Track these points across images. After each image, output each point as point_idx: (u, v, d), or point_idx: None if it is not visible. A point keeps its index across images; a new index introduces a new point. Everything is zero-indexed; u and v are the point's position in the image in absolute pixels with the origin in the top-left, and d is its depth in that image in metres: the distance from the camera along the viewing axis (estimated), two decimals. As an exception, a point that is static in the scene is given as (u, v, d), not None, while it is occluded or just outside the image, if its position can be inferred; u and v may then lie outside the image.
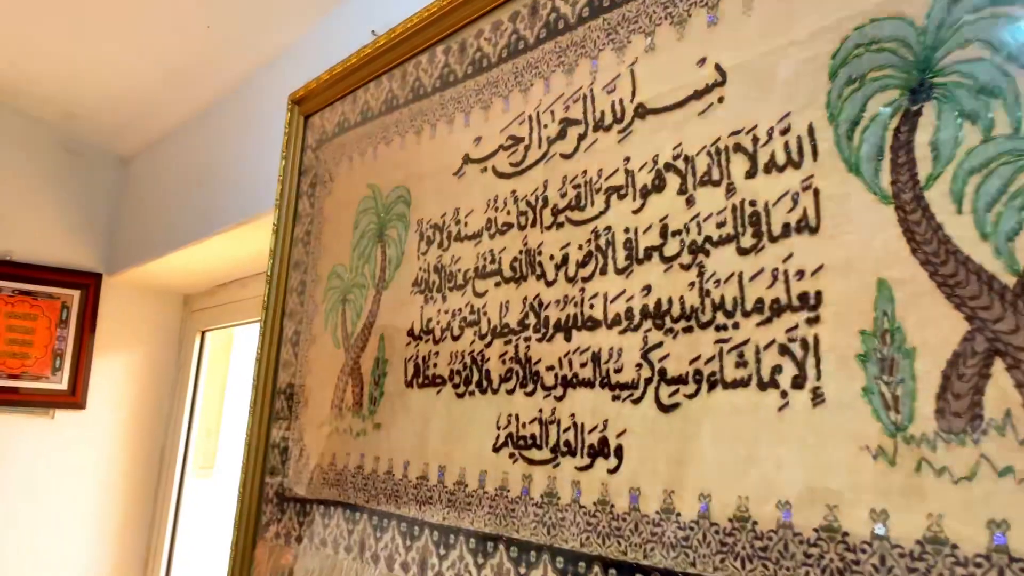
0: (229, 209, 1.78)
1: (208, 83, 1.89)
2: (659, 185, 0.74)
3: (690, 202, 0.71)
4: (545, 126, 0.88)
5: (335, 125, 1.29)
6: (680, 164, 0.73)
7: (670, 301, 0.71)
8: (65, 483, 2.23)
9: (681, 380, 0.69)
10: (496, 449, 0.85)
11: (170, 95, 1.98)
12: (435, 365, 0.96)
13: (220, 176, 1.87)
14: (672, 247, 0.72)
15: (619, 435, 0.73)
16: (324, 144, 1.31)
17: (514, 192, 0.90)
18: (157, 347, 2.42)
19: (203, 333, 2.39)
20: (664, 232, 0.73)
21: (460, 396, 0.92)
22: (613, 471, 0.72)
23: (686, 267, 0.70)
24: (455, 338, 0.95)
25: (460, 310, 0.95)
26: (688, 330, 0.69)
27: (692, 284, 0.69)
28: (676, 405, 0.69)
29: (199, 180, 1.99)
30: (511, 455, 0.83)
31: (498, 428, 0.85)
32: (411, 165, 1.09)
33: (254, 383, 1.31)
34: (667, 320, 0.71)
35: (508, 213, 0.90)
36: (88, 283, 2.29)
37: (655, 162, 0.75)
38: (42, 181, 2.26)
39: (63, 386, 2.23)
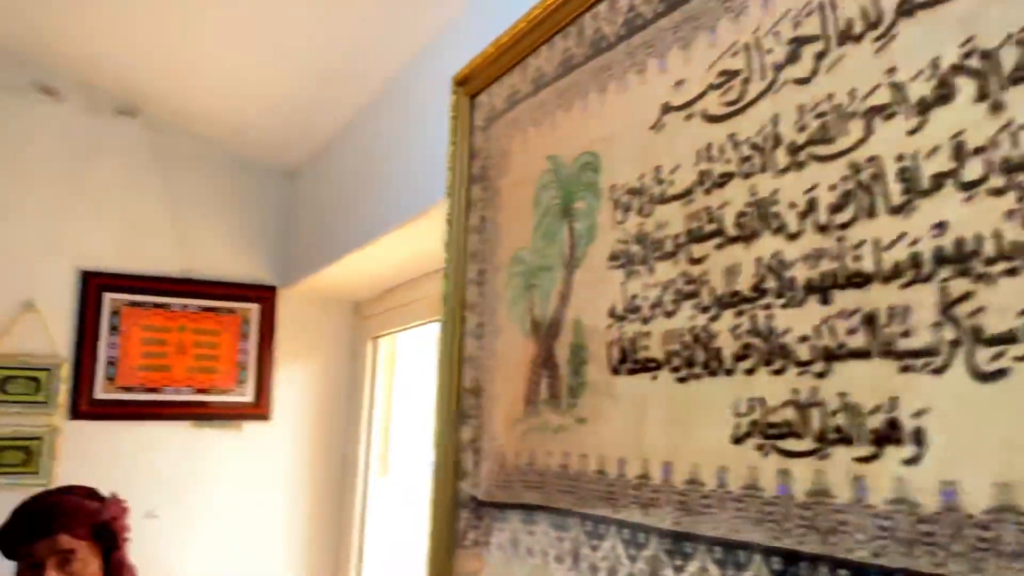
0: (395, 208, 1.74)
1: (363, 79, 1.86)
2: (945, 95, 0.58)
3: (996, 108, 0.55)
4: (769, 51, 0.73)
5: (505, 100, 1.20)
6: (974, 63, 0.56)
7: (979, 239, 0.55)
8: (256, 494, 2.29)
9: (1006, 339, 0.52)
10: (737, 440, 0.71)
11: (327, 95, 1.98)
12: (646, 348, 0.84)
13: (384, 175, 1.84)
14: (973, 169, 0.56)
15: (916, 415, 0.57)
16: (494, 122, 1.22)
17: (732, 136, 0.76)
18: (331, 355, 2.45)
19: (375, 339, 2.38)
20: (959, 152, 0.57)
21: (682, 380, 0.79)
22: (912, 461, 0.57)
23: (999, 192, 0.54)
24: (669, 314, 0.82)
25: (672, 281, 0.82)
26: (1011, 272, 0.53)
27: (1012, 213, 0.53)
28: (1002, 372, 0.52)
29: (363, 183, 1.97)
30: (759, 447, 0.69)
31: (737, 415, 0.71)
32: (597, 128, 0.98)
33: (438, 382, 1.23)
34: (976, 263, 0.55)
35: (727, 161, 0.77)
36: (265, 296, 2.35)
37: (935, 67, 0.59)
38: (216, 200, 2.33)
39: (249, 398, 2.29)
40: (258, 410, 2.30)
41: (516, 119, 1.16)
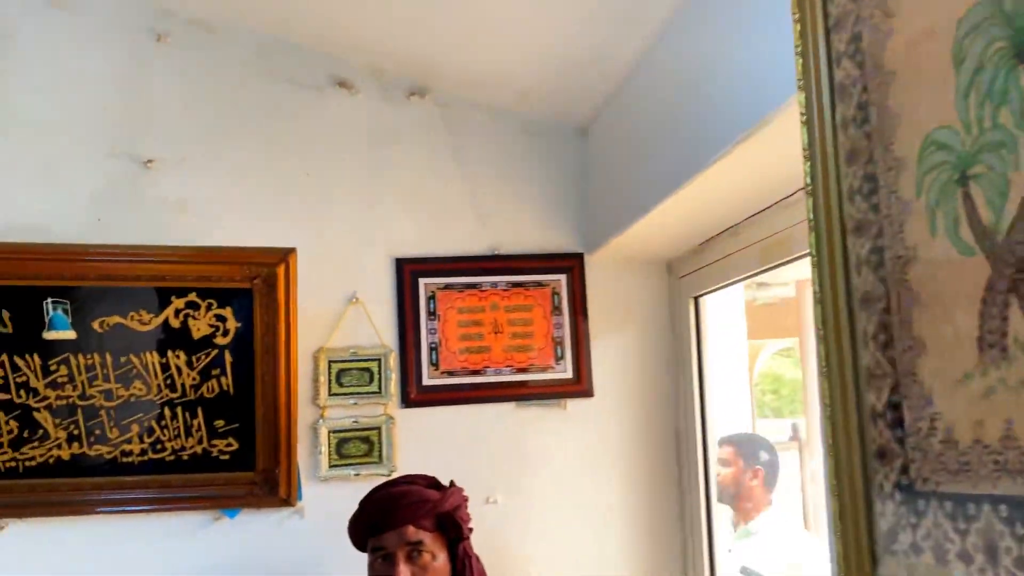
0: (713, 137, 1.46)
1: (648, 5, 1.60)
2: None
3: None
4: None
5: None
6: None
7: None
8: (587, 473, 2.14)
9: None
10: None
11: (610, 34, 1.74)
12: None
13: (694, 103, 1.56)
14: None
15: None
16: (863, -30, 0.89)
17: None
18: (648, 322, 2.23)
19: (695, 299, 2.11)
20: None
21: None
22: None
23: None
24: None
25: None
26: None
27: None
28: None
29: (668, 120, 1.71)
30: None
31: None
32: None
33: (823, 335, 0.93)
34: None
35: None
36: (571, 265, 2.19)
37: None
38: (511, 170, 2.22)
39: (569, 375, 2.14)
40: (579, 386, 2.14)
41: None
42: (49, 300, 1.84)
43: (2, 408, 1.82)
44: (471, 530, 1.65)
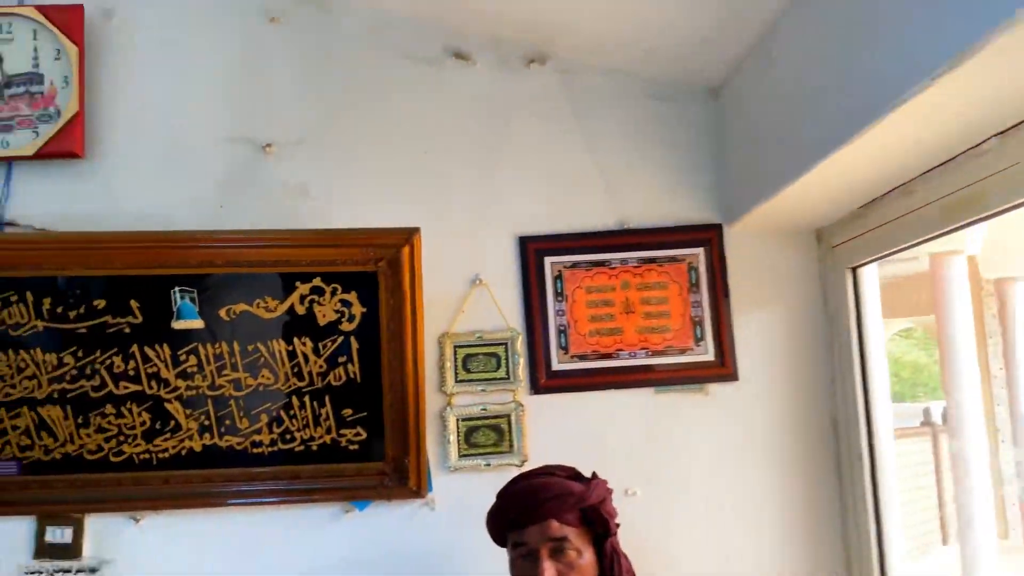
0: (892, 79, 1.26)
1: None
2: None
3: None
4: None
5: None
6: None
7: None
8: (733, 464, 1.97)
9: None
10: None
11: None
12: None
13: (862, 43, 1.37)
14: None
15: None
16: None
17: None
18: (797, 297, 2.03)
19: (854, 270, 1.90)
20: None
21: None
22: None
23: None
24: None
25: None
26: None
27: None
28: None
29: (826, 68, 1.52)
30: None
31: None
32: None
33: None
34: None
35: None
36: (709, 237, 2.01)
37: None
38: (639, 137, 2.05)
39: (710, 356, 1.97)
40: (722, 369, 1.97)
41: None
42: (176, 289, 1.81)
43: (134, 399, 1.81)
44: (618, 525, 1.52)
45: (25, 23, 1.88)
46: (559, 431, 1.95)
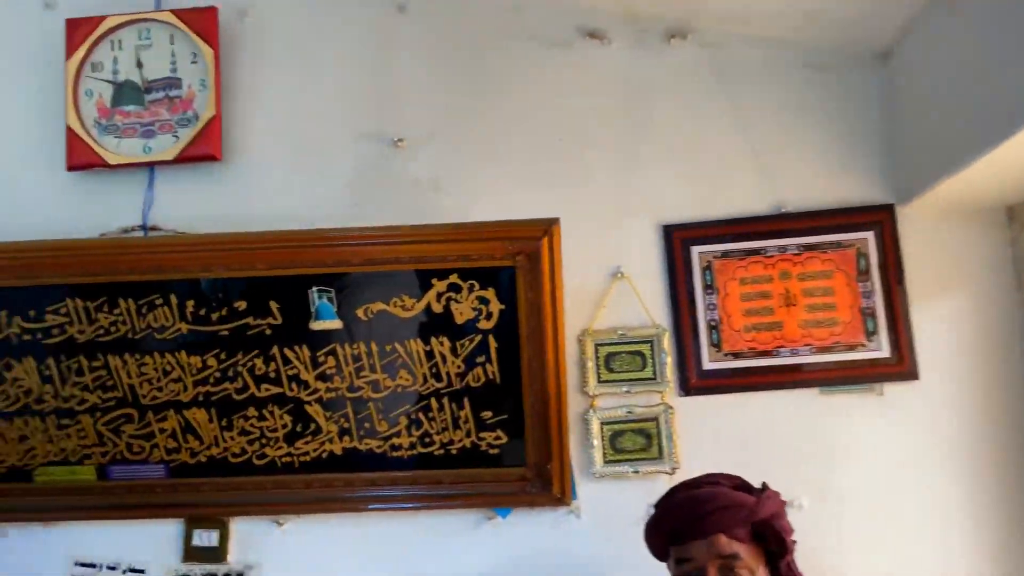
0: None
1: None
2: None
3: None
4: None
5: None
6: None
7: None
8: (912, 474, 1.76)
9: None
10: None
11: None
12: None
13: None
14: None
15: None
16: None
17: None
18: (984, 283, 1.79)
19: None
20: None
21: None
22: None
23: None
24: None
25: None
26: None
27: None
28: None
29: (1015, 18, 1.30)
30: None
31: None
32: None
33: None
34: None
35: None
36: (880, 219, 1.80)
37: None
38: (795, 111, 1.87)
39: (885, 353, 1.76)
40: (900, 367, 1.76)
41: None
42: (314, 289, 1.78)
43: (275, 402, 1.79)
44: (795, 543, 1.36)
45: (163, 28, 1.90)
46: (713, 436, 1.80)
